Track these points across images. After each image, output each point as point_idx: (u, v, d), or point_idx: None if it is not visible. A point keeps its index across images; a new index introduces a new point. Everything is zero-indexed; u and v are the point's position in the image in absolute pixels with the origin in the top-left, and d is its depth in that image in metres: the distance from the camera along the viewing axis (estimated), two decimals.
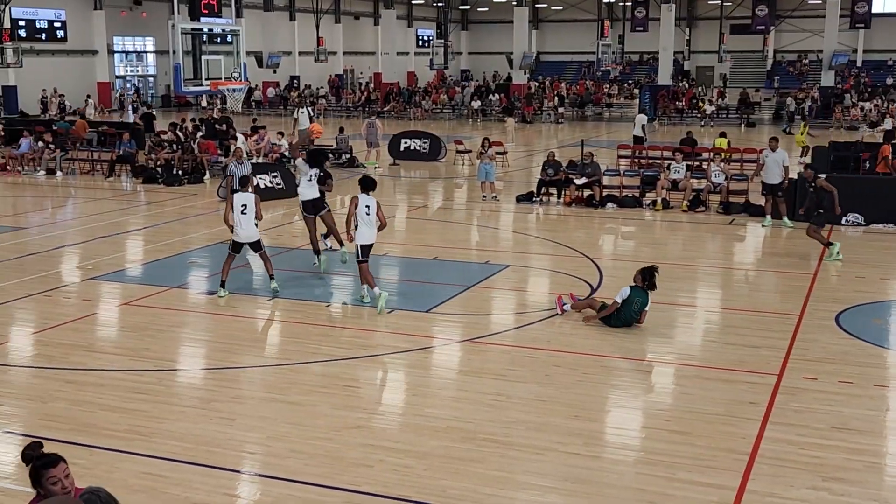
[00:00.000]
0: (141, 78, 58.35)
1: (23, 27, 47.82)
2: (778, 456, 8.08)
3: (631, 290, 11.78)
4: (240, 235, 13.35)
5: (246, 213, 13.28)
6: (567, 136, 40.65)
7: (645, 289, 11.86)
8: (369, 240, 12.98)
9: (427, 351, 11.21)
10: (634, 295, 11.75)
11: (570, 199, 21.51)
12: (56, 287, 14.15)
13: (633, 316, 11.78)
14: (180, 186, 24.38)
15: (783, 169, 18.70)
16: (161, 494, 7.40)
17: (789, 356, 10.74)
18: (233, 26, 24.89)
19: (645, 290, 11.86)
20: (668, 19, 49.06)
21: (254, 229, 13.42)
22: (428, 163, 30.06)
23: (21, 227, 19.37)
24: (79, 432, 8.59)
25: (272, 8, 55.06)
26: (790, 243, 17.56)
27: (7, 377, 10.33)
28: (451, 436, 8.53)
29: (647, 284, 11.88)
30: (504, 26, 66.50)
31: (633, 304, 11.74)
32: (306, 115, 32.35)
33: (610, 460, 8.11)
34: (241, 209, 13.27)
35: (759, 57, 73.89)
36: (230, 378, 10.27)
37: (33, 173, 27.11)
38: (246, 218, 13.28)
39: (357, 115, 52.20)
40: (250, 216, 13.30)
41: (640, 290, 11.84)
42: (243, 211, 13.27)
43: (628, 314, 11.76)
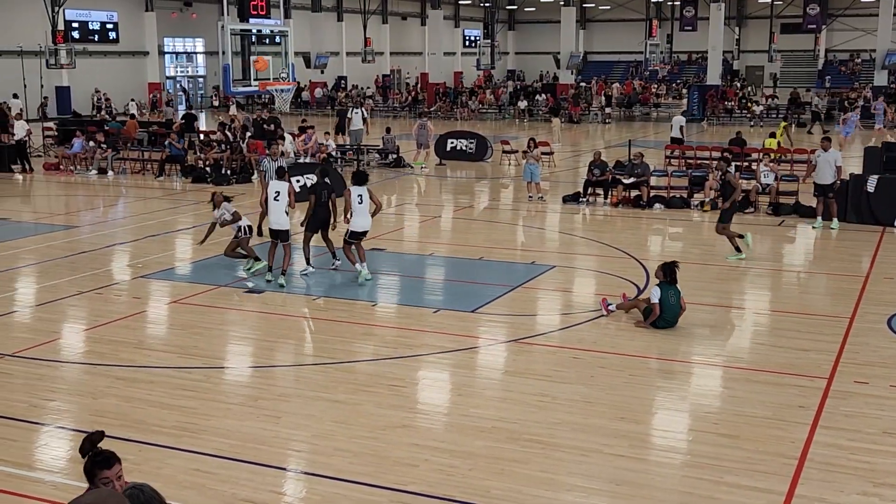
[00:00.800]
0: (191, 79, 59.02)
1: (76, 29, 48.59)
2: (827, 461, 7.97)
3: (661, 289, 11.81)
4: (270, 222, 14.14)
5: (278, 199, 14.02)
6: (614, 136, 40.42)
7: (670, 282, 11.89)
8: (360, 227, 14.16)
9: (472, 351, 11.21)
10: (665, 291, 11.79)
11: (617, 199, 21.38)
12: (107, 285, 14.36)
13: (675, 311, 11.77)
14: (229, 186, 24.61)
15: (835, 169, 18.35)
16: (209, 491, 7.48)
17: (840, 359, 10.58)
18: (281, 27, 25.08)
19: (671, 283, 11.89)
20: (717, 18, 48.57)
21: (284, 217, 14.09)
22: (474, 163, 30.05)
23: (73, 225, 19.69)
24: (128, 428, 8.70)
25: (320, 9, 55.48)
26: (841, 245, 17.31)
27: (59, 373, 10.50)
28: (496, 436, 8.52)
29: (670, 279, 11.90)
30: (551, 26, 66.37)
31: (669, 298, 11.74)
32: (359, 115, 32.51)
33: (656, 463, 8.05)
34: (275, 195, 14.06)
35: (811, 56, 72.78)
36: (276, 376, 10.34)
37: (85, 173, 27.54)
38: (278, 205, 14.04)
39: (404, 116, 52.35)
40: (282, 204, 14.01)
41: (666, 284, 11.87)
42: (276, 198, 14.04)
43: (670, 310, 11.74)
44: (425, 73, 65.71)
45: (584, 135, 42.07)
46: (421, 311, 12.93)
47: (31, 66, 38.14)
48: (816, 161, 18.68)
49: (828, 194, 18.50)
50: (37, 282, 14.82)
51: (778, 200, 20.30)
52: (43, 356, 10.91)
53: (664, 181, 22.31)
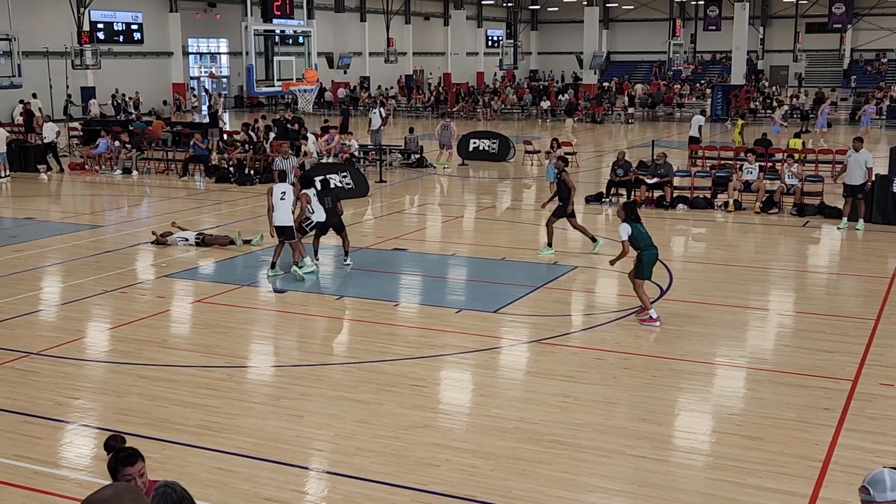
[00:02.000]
0: (214, 79, 59.29)
1: (101, 29, 48.92)
2: (852, 463, 7.91)
3: (630, 226, 12.16)
4: (274, 219, 14.42)
5: (284, 199, 14.40)
6: (637, 136, 40.27)
7: (634, 219, 12.28)
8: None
9: (494, 351, 11.20)
10: (635, 228, 12.16)
11: (640, 199, 21.30)
12: (131, 284, 14.45)
13: (648, 238, 12.19)
14: (252, 186, 24.71)
15: (866, 170, 18.17)
16: (231, 489, 7.51)
17: (865, 361, 10.50)
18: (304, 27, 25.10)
19: (636, 220, 12.28)
20: (741, 18, 48.30)
21: (288, 216, 14.42)
22: (497, 163, 30.03)
23: (98, 225, 19.83)
24: (152, 426, 8.76)
25: (343, 9, 55.60)
26: (867, 246, 17.17)
27: (83, 372, 10.58)
28: (518, 437, 8.51)
29: (634, 217, 12.26)
30: (574, 26, 66.24)
31: (640, 233, 12.16)
32: (378, 116, 32.53)
33: (678, 464, 8.02)
34: (280, 195, 14.41)
35: (836, 56, 72.32)
36: (299, 375, 10.38)
37: (110, 172, 27.73)
38: (283, 204, 14.39)
39: (426, 116, 52.37)
40: (287, 203, 14.39)
41: (631, 221, 12.24)
42: (282, 197, 14.41)
43: (644, 239, 12.14)
44: (448, 73, 65.75)
45: (606, 135, 41.94)
46: (443, 311, 12.94)
47: (57, 67, 38.43)
48: (847, 161, 18.52)
49: (857, 195, 18.32)
50: (62, 281, 14.94)
51: (803, 201, 20.17)
52: (68, 355, 11.00)
53: (687, 181, 22.20)
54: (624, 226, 12.18)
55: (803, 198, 20.29)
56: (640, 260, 12.15)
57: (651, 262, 12.18)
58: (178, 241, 16.68)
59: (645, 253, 12.12)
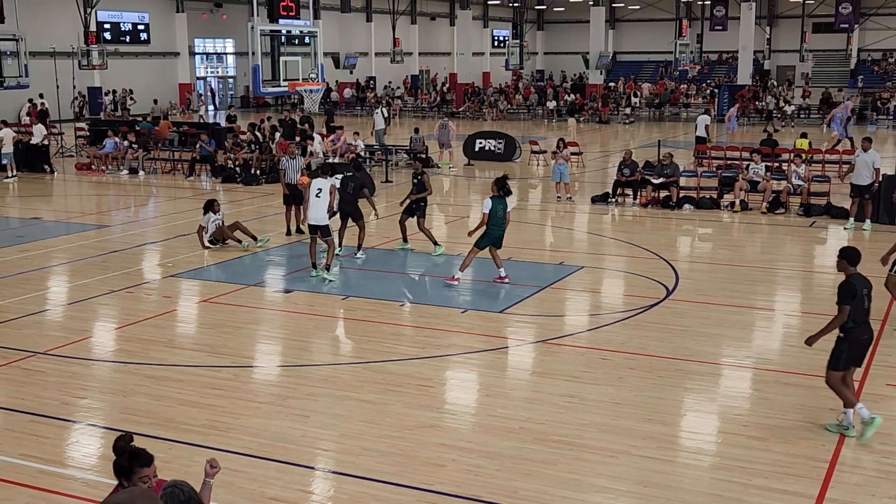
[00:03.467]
0: (220, 79, 59.37)
1: (107, 30, 48.98)
2: (858, 464, 7.90)
3: (492, 201, 13.43)
4: (309, 217, 14.29)
5: (320, 196, 14.17)
6: (643, 136, 40.23)
7: (502, 196, 13.47)
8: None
9: (500, 351, 11.20)
10: (496, 203, 13.40)
11: (646, 200, 21.28)
12: (137, 284, 14.48)
13: (500, 222, 13.48)
14: (258, 186, 24.73)
15: (873, 170, 18.11)
16: (237, 489, 7.52)
17: (871, 362, 10.47)
18: (310, 28, 25.11)
19: (502, 197, 13.48)
20: (748, 18, 48.22)
21: (323, 213, 14.21)
22: (503, 163, 30.02)
23: (105, 225, 19.87)
24: (158, 426, 8.77)
25: (349, 9, 55.62)
26: (873, 246, 17.11)
27: (90, 371, 10.61)
28: (524, 437, 8.51)
29: (504, 192, 13.49)
30: (580, 26, 66.13)
31: (497, 211, 13.41)
32: (380, 115, 32.49)
33: (684, 465, 8.01)
34: (316, 192, 14.21)
35: (843, 56, 72.13)
36: (305, 375, 10.39)
37: (117, 172, 27.78)
38: (319, 201, 14.16)
39: (432, 116, 52.39)
40: (323, 200, 14.15)
41: (498, 198, 13.45)
42: (317, 194, 14.18)
43: (496, 220, 13.39)
44: (454, 73, 65.73)
45: (612, 135, 41.91)
46: (449, 311, 12.94)
47: (64, 68, 38.49)
48: (855, 161, 18.48)
49: (864, 195, 18.29)
50: (69, 280, 14.97)
51: (809, 201, 20.13)
52: (74, 354, 11.02)
53: (693, 182, 22.18)
54: (487, 201, 13.55)
55: (810, 198, 20.26)
56: (485, 233, 13.62)
57: (492, 238, 13.57)
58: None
59: (490, 229, 13.51)
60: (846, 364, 8.46)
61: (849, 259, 8.63)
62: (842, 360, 8.41)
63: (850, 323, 8.39)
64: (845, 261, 8.66)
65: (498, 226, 13.53)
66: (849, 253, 8.69)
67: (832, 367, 8.44)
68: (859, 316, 8.41)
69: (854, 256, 8.64)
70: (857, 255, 8.66)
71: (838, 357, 8.42)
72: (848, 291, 8.37)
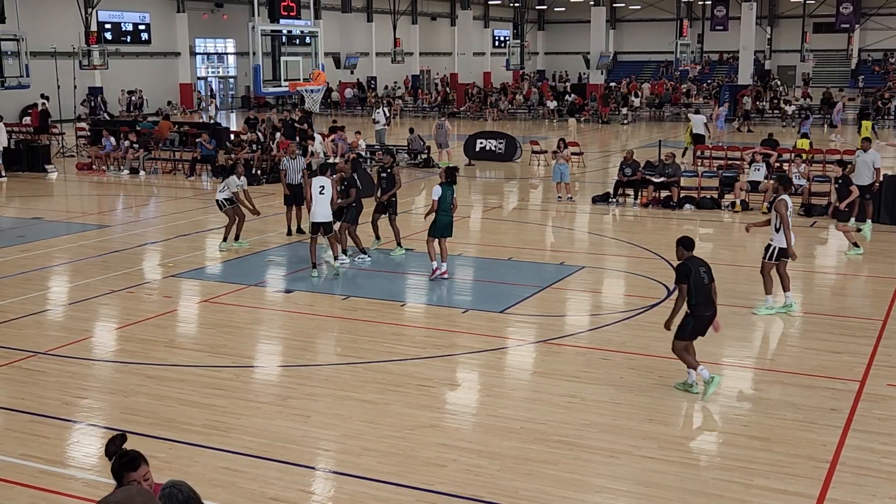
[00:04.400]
0: (221, 79, 59.37)
1: (108, 30, 48.97)
2: (860, 464, 7.89)
3: (441, 187, 13.93)
4: (314, 215, 14.39)
5: (323, 193, 14.32)
6: (644, 136, 40.22)
7: (450, 183, 14.05)
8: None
9: (501, 352, 11.20)
10: (445, 190, 13.94)
11: (647, 200, 21.28)
12: (138, 284, 14.48)
13: (448, 208, 14.00)
14: (259, 186, 24.73)
15: (873, 171, 18.09)
16: (238, 489, 7.52)
17: (872, 362, 10.47)
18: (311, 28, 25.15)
19: (450, 185, 14.05)
20: (748, 18, 48.22)
21: (327, 210, 14.39)
22: (503, 163, 30.02)
23: (105, 224, 19.87)
24: (159, 426, 8.77)
25: (350, 9, 55.62)
26: (874, 247, 17.12)
27: (90, 371, 10.61)
28: (525, 437, 8.51)
29: (451, 180, 14.10)
30: (581, 26, 66.13)
31: (446, 197, 13.96)
32: (382, 115, 32.47)
33: (685, 465, 8.01)
34: (319, 190, 14.33)
35: (843, 56, 72.13)
36: (305, 375, 10.38)
37: (118, 172, 27.78)
38: (322, 198, 14.33)
39: (433, 116, 52.39)
40: (326, 197, 14.32)
41: (447, 185, 14.01)
42: (321, 192, 14.32)
43: (445, 206, 13.93)
44: (455, 73, 65.75)
45: (612, 135, 41.91)
46: (450, 311, 12.94)
47: (65, 68, 38.50)
48: (856, 161, 18.46)
49: (864, 195, 18.26)
50: (69, 280, 14.98)
51: (810, 201, 20.12)
52: (75, 354, 11.02)
53: (694, 182, 22.17)
54: (437, 188, 14.02)
55: (811, 198, 20.25)
56: (434, 221, 14.09)
57: (441, 225, 14.03)
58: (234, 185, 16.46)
59: (439, 216, 13.98)
60: (691, 335, 9.57)
61: (685, 245, 9.67)
62: (687, 332, 9.54)
63: (694, 301, 9.44)
64: (682, 247, 9.67)
65: (446, 212, 14.04)
66: (685, 241, 9.72)
67: (678, 337, 9.57)
68: (701, 294, 9.44)
69: (689, 243, 9.65)
70: (691, 242, 9.67)
71: (684, 329, 9.53)
72: (683, 272, 9.45)
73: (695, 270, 9.39)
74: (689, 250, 9.61)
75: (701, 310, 9.46)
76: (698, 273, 9.40)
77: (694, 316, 9.48)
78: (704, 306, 9.47)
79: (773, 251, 12.49)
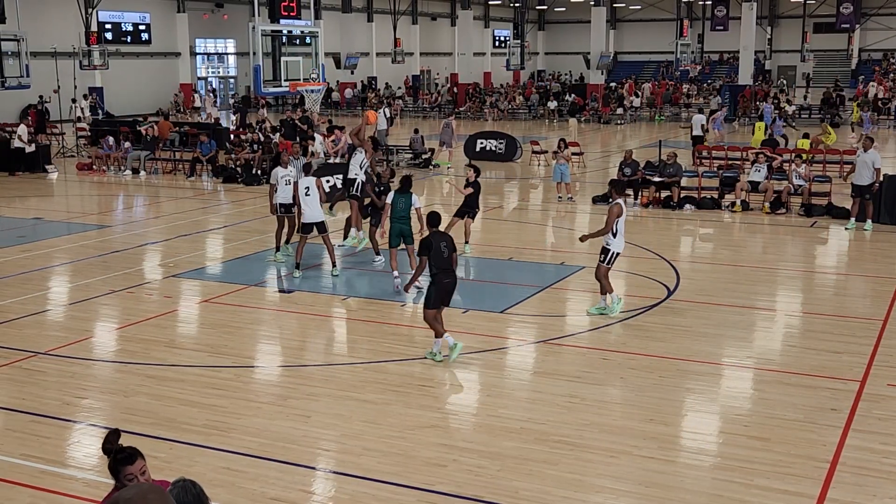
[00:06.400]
0: (222, 79, 59.36)
1: (109, 30, 48.97)
2: (860, 464, 7.89)
3: (394, 194, 13.95)
4: (305, 216, 14.52)
5: (309, 194, 14.45)
6: (644, 136, 40.22)
7: (404, 192, 13.84)
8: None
9: (501, 352, 11.20)
10: (397, 197, 13.82)
11: (647, 200, 21.28)
12: (138, 284, 14.48)
13: (400, 215, 13.82)
14: (259, 186, 24.73)
15: (873, 170, 18.06)
16: (238, 489, 7.52)
17: (873, 362, 10.47)
18: (311, 28, 25.18)
19: (405, 193, 13.82)
20: (748, 18, 48.19)
21: (318, 209, 14.51)
22: (504, 163, 30.02)
23: (106, 225, 19.87)
24: (159, 426, 8.77)
25: (350, 9, 55.59)
26: (874, 247, 17.14)
27: (91, 371, 10.61)
28: (525, 437, 8.51)
29: (405, 188, 13.87)
30: (581, 26, 66.12)
31: (397, 204, 13.82)
32: (382, 115, 32.46)
33: (685, 465, 8.01)
34: (305, 191, 14.45)
35: (844, 56, 72.11)
36: (306, 375, 10.39)
37: (118, 173, 27.77)
38: (310, 199, 14.46)
39: (433, 116, 52.38)
40: (313, 197, 14.47)
41: (399, 192, 13.87)
42: (307, 193, 14.44)
43: (396, 213, 13.81)
44: (455, 73, 65.73)
45: (612, 135, 41.92)
46: (450, 311, 12.89)
47: (65, 68, 38.50)
48: (856, 161, 18.43)
49: (864, 195, 18.24)
50: (70, 280, 14.98)
51: (810, 201, 20.12)
52: (76, 354, 11.02)
53: (695, 182, 22.17)
54: (391, 193, 14.19)
55: (811, 198, 20.25)
56: (390, 228, 14.00)
57: (394, 233, 13.85)
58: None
59: (392, 222, 13.87)
60: (435, 303, 10.51)
61: (430, 222, 10.93)
62: (431, 300, 10.48)
63: (435, 270, 10.52)
64: (429, 223, 10.92)
65: (398, 219, 13.87)
66: (430, 216, 11.02)
67: (426, 306, 10.58)
68: (440, 264, 10.51)
69: (434, 219, 10.94)
70: (437, 218, 11.01)
71: (429, 298, 10.53)
72: (425, 246, 10.60)
73: (436, 244, 10.48)
74: (435, 226, 10.85)
75: (441, 277, 10.50)
76: (439, 247, 10.47)
77: (435, 284, 10.51)
78: (444, 274, 10.52)
79: (611, 256, 12.31)
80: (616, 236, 12.20)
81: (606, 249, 12.29)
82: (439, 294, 10.53)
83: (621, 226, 12.19)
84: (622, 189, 12.96)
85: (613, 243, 12.23)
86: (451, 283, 10.65)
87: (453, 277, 10.66)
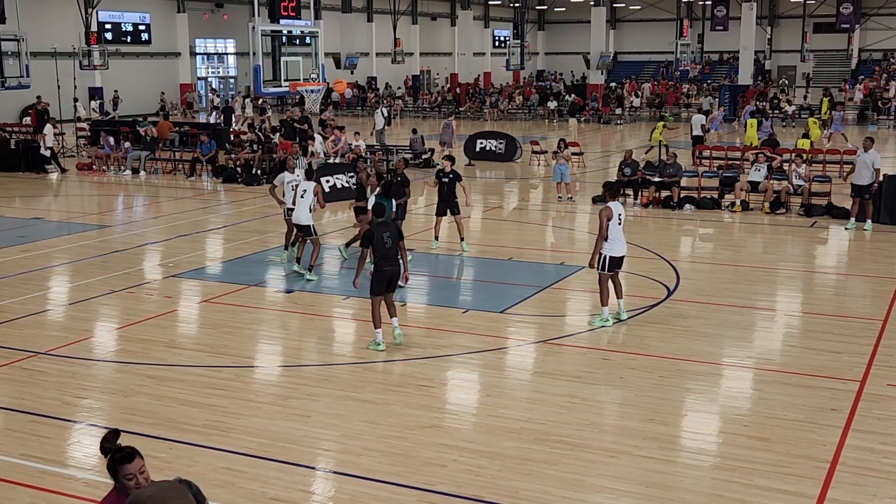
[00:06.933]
0: (221, 79, 59.37)
1: (109, 30, 48.97)
2: (860, 464, 7.89)
3: (376, 198, 14.15)
4: (294, 216, 14.71)
5: (304, 197, 14.57)
6: (644, 136, 40.19)
7: (384, 196, 14.03)
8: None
9: (501, 352, 11.20)
10: (378, 200, 13.78)
11: (647, 200, 21.28)
12: (138, 284, 14.48)
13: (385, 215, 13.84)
14: (259, 186, 24.74)
15: (873, 171, 18.04)
16: (238, 489, 7.52)
17: (873, 362, 10.48)
18: (311, 28, 25.14)
19: (385, 197, 13.88)
20: (748, 18, 48.18)
21: (306, 214, 14.59)
22: (503, 163, 30.03)
23: (106, 225, 19.87)
24: (159, 426, 8.77)
25: (350, 9, 55.58)
26: (874, 247, 17.14)
27: (91, 371, 10.61)
28: (525, 437, 8.51)
29: (385, 193, 14.20)
30: (581, 26, 66.13)
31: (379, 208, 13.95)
32: (381, 115, 32.45)
33: (685, 465, 8.01)
34: (301, 193, 14.64)
35: (844, 56, 72.10)
36: (306, 375, 10.39)
37: (118, 173, 27.78)
38: (303, 202, 14.58)
39: (433, 116, 52.38)
40: (307, 201, 14.56)
41: (381, 196, 14.08)
42: (302, 195, 14.61)
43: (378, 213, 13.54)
44: (455, 73, 65.73)
45: (612, 135, 41.91)
46: (450, 311, 12.94)
47: (65, 68, 38.50)
48: (856, 161, 18.41)
49: (864, 195, 18.23)
50: (70, 280, 14.98)
51: (810, 201, 20.12)
52: (75, 354, 11.02)
53: (694, 182, 22.17)
54: (372, 197, 14.67)
55: (811, 198, 20.25)
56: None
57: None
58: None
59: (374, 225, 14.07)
60: (377, 290, 11.07)
61: (375, 213, 11.82)
62: (374, 286, 11.08)
63: (377, 258, 11.11)
64: (373, 214, 11.82)
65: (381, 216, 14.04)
66: (375, 207, 11.91)
67: (371, 293, 11.14)
68: (382, 253, 11.09)
69: (379, 211, 11.68)
70: (382, 210, 11.68)
71: (372, 284, 11.11)
72: (367, 237, 11.28)
73: (378, 235, 11.08)
74: (379, 217, 11.63)
75: (382, 264, 11.06)
76: (381, 237, 11.08)
77: (377, 270, 11.09)
78: (385, 261, 11.07)
79: (603, 260, 11.98)
80: (608, 240, 11.91)
81: (600, 254, 12.03)
82: (381, 281, 11.03)
83: (612, 229, 11.94)
84: (616, 192, 12.68)
85: (605, 247, 11.91)
86: (392, 271, 11.15)
87: (395, 265, 11.22)
